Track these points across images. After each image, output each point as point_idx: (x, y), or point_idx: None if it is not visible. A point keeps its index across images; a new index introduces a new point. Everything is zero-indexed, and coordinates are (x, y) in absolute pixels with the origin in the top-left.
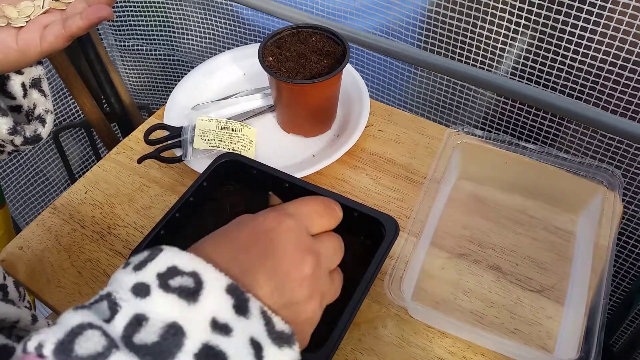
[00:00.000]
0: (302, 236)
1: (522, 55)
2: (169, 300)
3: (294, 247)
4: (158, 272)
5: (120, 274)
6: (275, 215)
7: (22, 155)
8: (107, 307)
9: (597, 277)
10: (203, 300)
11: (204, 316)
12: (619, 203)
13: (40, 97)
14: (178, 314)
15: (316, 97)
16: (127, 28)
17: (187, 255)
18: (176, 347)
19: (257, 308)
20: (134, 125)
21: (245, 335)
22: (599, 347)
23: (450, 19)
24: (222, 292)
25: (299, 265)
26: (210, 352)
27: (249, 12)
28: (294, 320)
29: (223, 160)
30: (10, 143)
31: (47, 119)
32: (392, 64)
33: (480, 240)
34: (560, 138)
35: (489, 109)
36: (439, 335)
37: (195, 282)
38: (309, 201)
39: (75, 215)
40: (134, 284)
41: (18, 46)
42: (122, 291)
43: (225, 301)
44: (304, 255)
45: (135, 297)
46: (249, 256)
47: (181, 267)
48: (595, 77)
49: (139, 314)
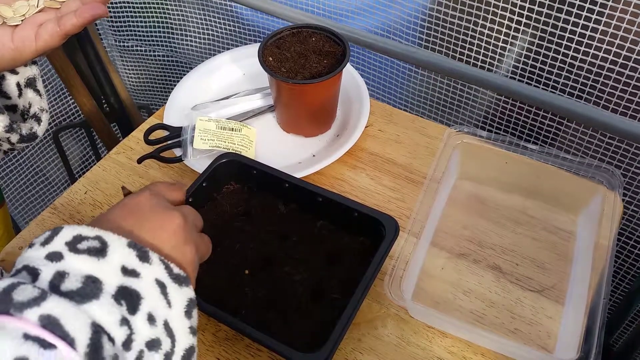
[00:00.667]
0: (162, 200)
1: (522, 55)
2: (82, 259)
3: (160, 209)
4: (65, 241)
5: (28, 253)
6: (136, 194)
7: (22, 155)
8: (27, 274)
9: (597, 277)
10: (110, 255)
11: (114, 266)
12: (619, 203)
13: (35, 97)
14: (92, 267)
15: (316, 97)
16: (126, 29)
17: (87, 227)
18: (97, 289)
19: (156, 257)
20: (134, 125)
21: (151, 277)
22: (599, 347)
23: (451, 17)
24: (125, 247)
25: (169, 218)
26: (126, 291)
27: (249, 12)
28: (179, 263)
29: (223, 160)
30: (6, 141)
31: (43, 118)
32: (392, 64)
33: (480, 240)
34: (561, 138)
35: (489, 109)
36: (439, 335)
37: (100, 243)
38: (156, 182)
39: (75, 215)
40: (46, 254)
41: (13, 44)
42: (38, 260)
43: (129, 253)
44: (170, 211)
45: (51, 262)
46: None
47: (85, 234)
48: (596, 77)
49: (59, 270)
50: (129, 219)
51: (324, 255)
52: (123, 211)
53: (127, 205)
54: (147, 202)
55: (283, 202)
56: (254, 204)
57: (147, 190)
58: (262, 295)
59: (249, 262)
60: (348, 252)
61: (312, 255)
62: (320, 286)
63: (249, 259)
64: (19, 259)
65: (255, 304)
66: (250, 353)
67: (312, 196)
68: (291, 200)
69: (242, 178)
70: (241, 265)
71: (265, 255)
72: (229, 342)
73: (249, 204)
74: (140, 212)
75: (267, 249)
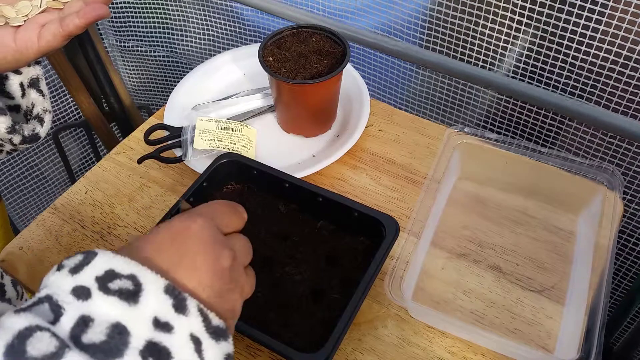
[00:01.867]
0: (215, 233)
1: (523, 54)
2: (111, 302)
3: (210, 243)
4: (96, 275)
5: (56, 277)
6: (188, 216)
7: (22, 155)
8: (49, 310)
9: (597, 276)
10: (143, 301)
11: (146, 316)
12: (619, 203)
13: (38, 97)
14: (121, 314)
15: (316, 97)
16: (127, 29)
17: (122, 258)
18: (123, 345)
19: (194, 306)
20: (134, 125)
21: (185, 331)
22: (599, 347)
23: (452, 17)
24: (161, 292)
25: (218, 258)
26: (155, 349)
27: (249, 12)
28: (219, 312)
29: (223, 160)
30: (9, 142)
31: (46, 119)
32: (393, 64)
33: (481, 240)
34: (561, 138)
35: (490, 109)
36: (439, 335)
37: (134, 285)
38: (215, 203)
39: (75, 215)
40: (74, 287)
41: (16, 45)
42: (63, 294)
43: (165, 301)
44: (221, 249)
45: (77, 299)
46: (170, 255)
47: (118, 270)
48: (597, 76)
49: (84, 315)
50: (172, 251)
51: (324, 255)
52: (169, 238)
53: (175, 230)
54: (197, 233)
55: (283, 202)
56: (254, 204)
57: (201, 215)
58: (263, 295)
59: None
60: (348, 252)
61: (312, 255)
62: (320, 286)
63: None
64: (44, 279)
65: (256, 304)
66: (251, 353)
67: (313, 196)
68: (291, 201)
69: (242, 178)
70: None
71: (266, 255)
72: None
73: (249, 204)
74: (187, 243)
75: (267, 249)
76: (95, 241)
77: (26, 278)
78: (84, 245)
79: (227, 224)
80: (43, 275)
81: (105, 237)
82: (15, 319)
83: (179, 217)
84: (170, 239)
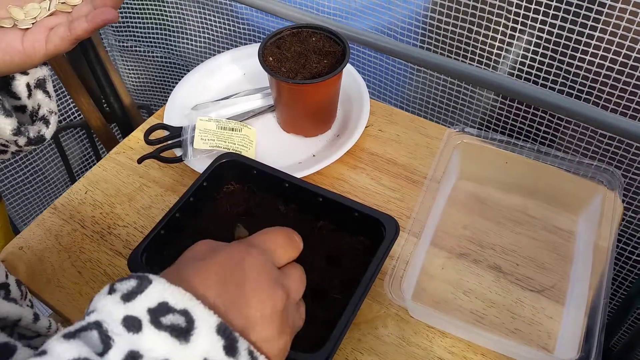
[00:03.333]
0: (270, 269)
1: (522, 54)
2: (162, 338)
3: (265, 282)
4: (149, 307)
5: (107, 301)
6: (245, 247)
7: (22, 155)
8: (98, 339)
9: (598, 277)
10: (195, 340)
11: (196, 356)
12: (619, 203)
13: (44, 98)
14: (171, 352)
15: (316, 97)
16: (126, 29)
17: (176, 290)
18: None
19: (245, 348)
20: (134, 125)
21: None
22: (600, 347)
23: (452, 17)
24: (213, 332)
25: (271, 299)
26: None
27: (249, 12)
28: (269, 354)
29: (223, 160)
30: (14, 144)
31: (51, 120)
32: (392, 64)
33: (481, 240)
34: (560, 138)
35: (490, 109)
36: (439, 335)
37: (186, 321)
38: (271, 234)
39: (75, 215)
40: (125, 316)
41: (23, 48)
42: (113, 323)
43: (216, 341)
44: (276, 290)
45: (127, 331)
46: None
47: (172, 304)
48: (595, 76)
49: (133, 350)
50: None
51: (324, 255)
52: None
53: (228, 262)
54: (254, 267)
55: (283, 202)
56: (254, 204)
57: (257, 247)
58: None
59: None
60: (348, 252)
61: (312, 255)
62: (320, 286)
63: None
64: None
65: None
66: None
67: (313, 196)
68: (291, 200)
69: (242, 178)
70: None
71: None
72: None
73: (249, 204)
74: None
75: None
76: (95, 241)
77: (26, 278)
78: (84, 245)
79: (282, 256)
80: (43, 275)
81: (105, 237)
82: (65, 347)
83: (233, 247)
84: (223, 272)
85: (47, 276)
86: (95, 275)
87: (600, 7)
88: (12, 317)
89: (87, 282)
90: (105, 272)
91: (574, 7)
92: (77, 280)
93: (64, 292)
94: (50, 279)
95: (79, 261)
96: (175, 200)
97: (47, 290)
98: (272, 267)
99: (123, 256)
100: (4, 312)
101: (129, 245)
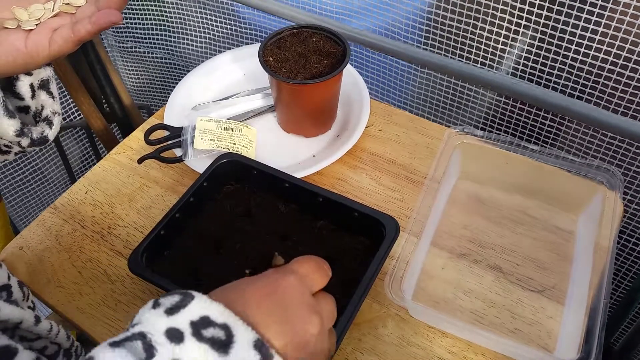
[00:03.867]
0: (307, 295)
1: (522, 54)
2: (202, 350)
3: (301, 306)
4: (191, 320)
5: (151, 314)
6: (282, 274)
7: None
8: (142, 348)
9: (598, 276)
10: (233, 353)
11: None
12: (619, 203)
13: (48, 99)
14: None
15: (316, 97)
16: (126, 29)
17: (218, 306)
18: None
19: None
20: (134, 125)
21: None
22: (600, 347)
23: (451, 19)
24: (250, 346)
25: (307, 324)
26: None
27: (249, 12)
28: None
29: (223, 160)
30: (17, 145)
31: (55, 121)
32: (392, 64)
33: (481, 240)
34: (561, 138)
35: (490, 109)
36: (440, 335)
37: (226, 335)
38: (305, 262)
39: (75, 215)
40: (168, 328)
41: (27, 49)
42: (157, 334)
43: (253, 356)
44: (311, 314)
45: (170, 342)
46: (263, 311)
47: (213, 318)
48: (596, 77)
49: (175, 359)
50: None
51: (324, 255)
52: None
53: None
54: (292, 292)
55: (283, 202)
56: (254, 204)
57: (293, 273)
58: None
59: (250, 262)
60: (348, 252)
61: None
62: None
63: (249, 259)
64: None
65: None
66: None
67: (313, 196)
68: (291, 200)
69: (242, 178)
70: (242, 265)
71: (266, 255)
72: None
73: (249, 204)
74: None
75: (267, 249)
76: (95, 241)
77: (26, 278)
78: (84, 245)
79: (315, 283)
80: (43, 275)
81: (105, 237)
82: (111, 355)
83: (271, 274)
84: (263, 294)
85: (47, 276)
86: (95, 275)
87: (602, 7)
88: (14, 320)
89: (87, 282)
90: (105, 272)
91: (575, 8)
92: (77, 280)
93: (64, 292)
94: (50, 279)
95: (79, 261)
96: (175, 200)
97: (47, 290)
98: (307, 292)
99: (123, 256)
100: (6, 315)
101: (129, 245)
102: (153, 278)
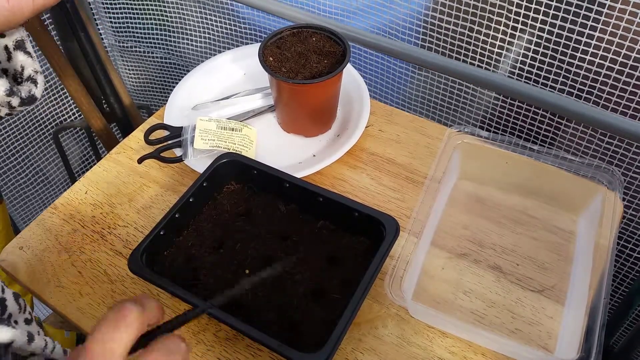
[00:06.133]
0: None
1: (522, 54)
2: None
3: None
4: None
5: None
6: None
7: (22, 154)
8: None
9: (598, 276)
10: None
11: None
12: (619, 203)
13: (27, 59)
14: None
15: (316, 97)
16: (126, 29)
17: None
18: None
19: None
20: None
21: None
22: (600, 347)
23: (453, 18)
24: None
25: None
26: None
27: (249, 11)
28: None
29: (223, 160)
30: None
31: (38, 79)
32: (392, 64)
33: (481, 240)
34: (560, 138)
35: (490, 109)
36: (440, 335)
37: None
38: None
39: (75, 215)
40: None
41: (9, 4)
42: None
43: None
44: None
45: None
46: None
47: None
48: (595, 76)
49: None
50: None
51: (324, 255)
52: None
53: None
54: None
55: (283, 202)
56: (254, 204)
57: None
58: (263, 295)
59: (250, 262)
60: (348, 252)
61: (312, 255)
62: (320, 286)
63: (249, 258)
64: None
65: (256, 304)
66: (251, 353)
67: (313, 196)
68: (291, 200)
69: (242, 178)
70: (242, 265)
71: (266, 255)
72: (229, 342)
73: (249, 204)
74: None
75: (267, 248)
76: (95, 241)
77: (26, 278)
78: (84, 245)
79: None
80: (43, 275)
81: (105, 237)
82: None
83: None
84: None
85: (47, 276)
86: (95, 275)
87: (600, 6)
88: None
89: (87, 282)
90: (105, 272)
91: (574, 7)
92: (77, 280)
93: (64, 292)
94: (50, 279)
95: (79, 261)
96: (175, 200)
97: (47, 291)
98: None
99: (123, 256)
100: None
101: (129, 245)
102: (153, 278)
